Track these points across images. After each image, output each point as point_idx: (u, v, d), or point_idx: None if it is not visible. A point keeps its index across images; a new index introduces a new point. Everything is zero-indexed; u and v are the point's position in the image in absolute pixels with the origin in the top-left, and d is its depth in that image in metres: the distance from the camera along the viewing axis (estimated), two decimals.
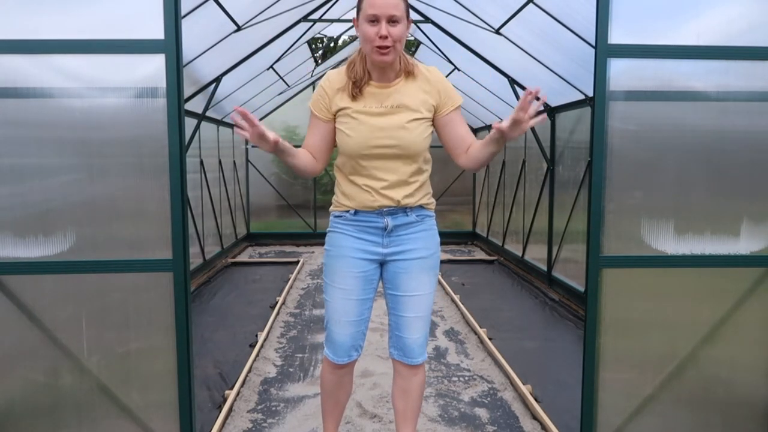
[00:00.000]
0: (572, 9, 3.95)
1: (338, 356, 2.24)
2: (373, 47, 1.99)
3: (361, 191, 2.13)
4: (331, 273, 2.21)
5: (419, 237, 2.19)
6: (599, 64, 2.10)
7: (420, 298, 2.19)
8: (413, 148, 2.08)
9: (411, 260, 2.17)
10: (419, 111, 2.09)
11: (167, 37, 2.03)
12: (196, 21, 4.20)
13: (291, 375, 3.63)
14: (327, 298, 2.24)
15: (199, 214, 6.28)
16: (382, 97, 2.09)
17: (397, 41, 1.99)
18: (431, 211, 2.24)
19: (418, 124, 2.09)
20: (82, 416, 2.19)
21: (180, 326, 2.16)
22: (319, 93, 2.15)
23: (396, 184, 2.11)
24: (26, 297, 2.13)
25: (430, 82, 2.12)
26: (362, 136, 2.07)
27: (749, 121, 2.17)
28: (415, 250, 2.18)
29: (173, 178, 2.09)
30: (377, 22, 1.97)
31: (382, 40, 1.97)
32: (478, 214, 8.77)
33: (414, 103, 2.09)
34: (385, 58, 2.01)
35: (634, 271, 2.21)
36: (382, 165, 2.09)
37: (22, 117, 2.06)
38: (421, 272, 2.19)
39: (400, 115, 2.08)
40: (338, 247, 2.20)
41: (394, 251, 2.18)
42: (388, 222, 2.15)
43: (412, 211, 2.16)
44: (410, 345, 2.22)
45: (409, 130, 2.07)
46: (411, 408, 2.29)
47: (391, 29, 1.97)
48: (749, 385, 2.29)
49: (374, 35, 1.97)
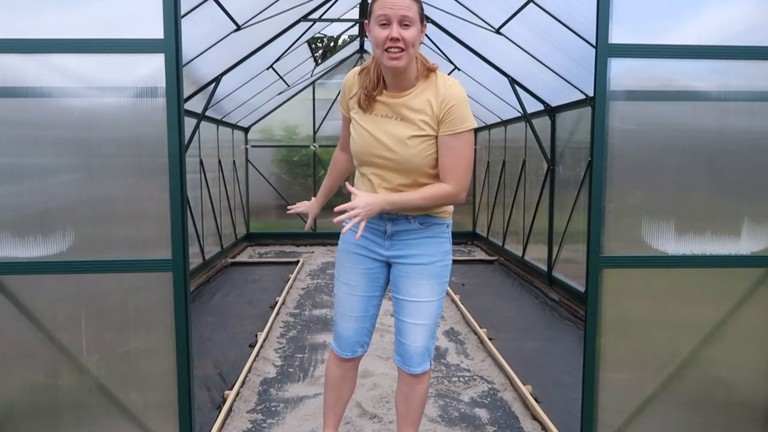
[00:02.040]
0: (572, 8, 3.95)
1: (342, 350, 2.29)
2: (383, 51, 1.92)
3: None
4: (340, 267, 2.28)
5: (421, 243, 2.15)
6: (600, 64, 2.10)
7: (419, 305, 2.16)
8: (409, 164, 2.03)
9: (411, 265, 2.16)
10: (422, 129, 2.01)
11: (167, 36, 2.03)
12: (195, 20, 4.20)
13: (291, 375, 3.62)
14: (336, 292, 2.30)
15: (198, 214, 6.27)
16: (390, 107, 2.05)
17: (410, 45, 1.91)
18: (441, 219, 2.16)
19: (419, 141, 2.01)
20: (82, 416, 2.19)
21: (179, 326, 2.15)
22: (342, 91, 2.22)
23: (396, 190, 2.08)
24: (25, 297, 2.12)
25: (439, 95, 1.99)
26: (363, 142, 2.07)
27: (750, 121, 2.16)
28: (416, 256, 2.15)
29: (173, 178, 2.09)
30: (388, 24, 1.89)
31: (393, 43, 1.89)
32: (478, 214, 8.77)
33: (418, 118, 2.01)
34: (397, 63, 1.92)
35: (634, 272, 2.21)
36: (380, 173, 2.09)
37: (22, 117, 2.06)
38: (420, 278, 2.15)
39: (403, 129, 2.02)
40: (347, 242, 2.25)
41: (396, 254, 2.18)
42: (388, 227, 2.15)
43: (415, 219, 2.13)
44: (409, 352, 2.19)
45: (408, 146, 2.01)
46: (413, 414, 2.29)
47: (403, 32, 1.89)
48: (750, 386, 2.29)
49: (385, 38, 1.90)
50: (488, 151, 8.22)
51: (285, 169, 8.76)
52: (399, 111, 2.03)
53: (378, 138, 2.04)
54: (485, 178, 8.32)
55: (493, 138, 7.95)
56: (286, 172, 8.76)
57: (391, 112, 2.04)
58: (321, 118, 8.59)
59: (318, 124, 8.60)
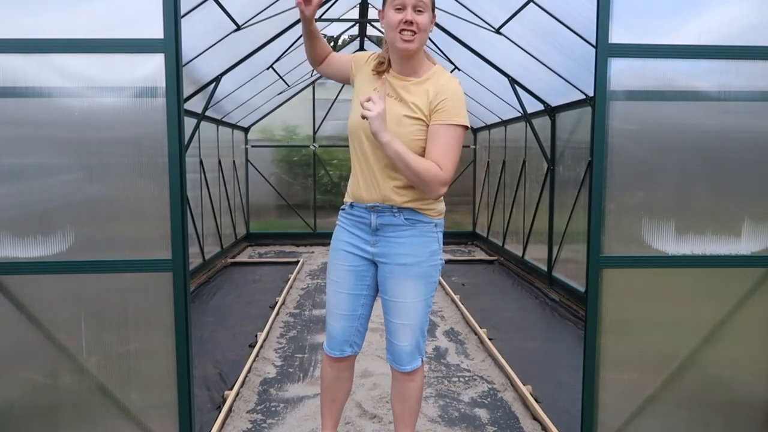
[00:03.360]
0: (573, 8, 3.95)
1: (332, 348, 2.30)
2: (397, 33, 2.02)
3: (355, 180, 2.18)
4: (329, 264, 2.30)
5: (406, 242, 2.13)
6: (600, 64, 2.10)
7: (405, 306, 2.17)
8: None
9: (395, 265, 2.15)
10: (414, 112, 2.07)
11: (167, 36, 2.03)
12: (195, 20, 4.20)
13: (290, 375, 3.62)
14: (326, 288, 2.32)
15: (198, 214, 6.27)
16: (394, 86, 2.12)
17: (422, 29, 2.02)
18: (429, 218, 2.15)
19: (412, 122, 2.06)
20: (81, 417, 2.19)
21: (179, 326, 2.15)
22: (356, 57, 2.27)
23: (381, 174, 2.10)
24: (25, 297, 2.12)
25: (437, 86, 2.06)
26: (359, 114, 2.07)
27: (750, 121, 2.16)
28: (399, 255, 2.14)
29: (173, 178, 2.09)
30: (403, 9, 2.01)
31: (408, 26, 2.00)
32: (478, 214, 8.76)
33: (416, 101, 2.08)
34: (409, 45, 2.02)
35: (634, 272, 2.21)
36: (372, 151, 2.10)
37: (21, 116, 2.05)
38: (405, 279, 2.15)
39: (399, 108, 2.09)
40: (336, 239, 2.28)
41: (381, 252, 2.17)
42: (373, 219, 2.15)
43: (401, 212, 2.12)
44: (398, 352, 2.23)
45: (402, 125, 2.06)
46: (408, 412, 2.29)
47: (417, 17, 2.00)
48: (750, 386, 2.29)
49: (399, 21, 2.00)
50: (488, 151, 8.22)
51: (285, 169, 8.76)
52: (399, 92, 2.11)
53: None
54: (485, 178, 8.32)
55: (493, 138, 7.95)
56: (286, 172, 8.76)
57: (392, 91, 2.12)
58: (321, 118, 8.59)
59: (318, 124, 8.60)
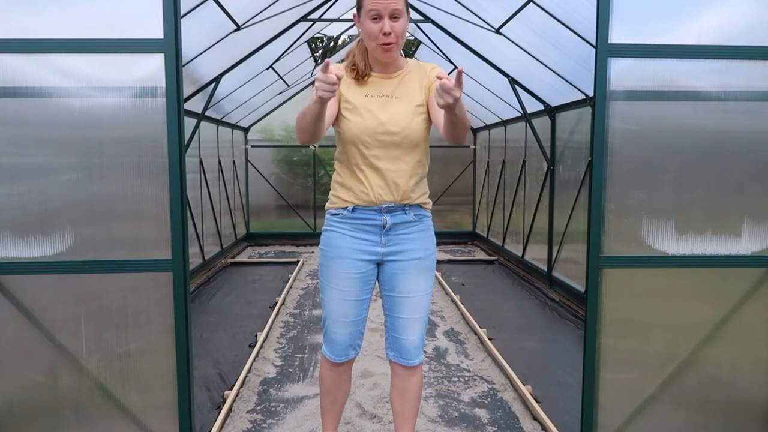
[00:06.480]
0: (572, 8, 3.94)
1: (336, 355, 2.26)
2: (377, 44, 2.02)
3: (361, 184, 2.11)
4: (328, 274, 2.20)
5: (417, 237, 2.18)
6: (600, 64, 2.09)
7: (417, 300, 2.19)
8: (414, 136, 2.09)
9: (408, 261, 2.17)
10: (417, 99, 2.11)
11: (167, 36, 2.03)
12: (195, 20, 4.20)
13: (290, 375, 3.62)
14: (324, 298, 2.24)
15: (198, 214, 6.27)
16: (384, 86, 2.12)
17: (399, 36, 2.02)
18: (428, 212, 2.24)
19: (419, 112, 2.10)
20: (81, 417, 2.19)
21: (179, 326, 2.15)
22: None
23: (398, 174, 2.09)
24: (25, 297, 2.12)
25: (424, 71, 2.15)
26: (365, 122, 2.07)
27: (750, 121, 2.16)
28: (412, 251, 2.17)
29: (173, 178, 2.09)
30: (380, 18, 1.99)
31: (386, 37, 2.00)
32: (478, 214, 8.76)
33: (413, 91, 2.12)
34: (390, 54, 2.05)
35: (634, 272, 2.21)
36: (384, 154, 2.08)
37: (21, 117, 2.05)
38: (418, 273, 2.18)
39: (402, 103, 2.10)
40: (335, 247, 2.17)
41: (392, 251, 2.17)
42: (386, 219, 2.14)
43: (411, 209, 2.16)
44: (407, 346, 2.22)
45: (410, 118, 2.08)
46: (409, 408, 2.28)
47: (394, 24, 2.00)
48: (750, 386, 2.29)
49: (378, 32, 2.00)
50: (488, 151, 8.22)
51: (285, 169, 8.76)
52: (394, 87, 2.12)
53: (381, 114, 2.08)
54: (485, 178, 8.32)
55: (493, 138, 7.95)
56: (286, 172, 8.76)
57: (387, 90, 2.12)
58: None
59: None
